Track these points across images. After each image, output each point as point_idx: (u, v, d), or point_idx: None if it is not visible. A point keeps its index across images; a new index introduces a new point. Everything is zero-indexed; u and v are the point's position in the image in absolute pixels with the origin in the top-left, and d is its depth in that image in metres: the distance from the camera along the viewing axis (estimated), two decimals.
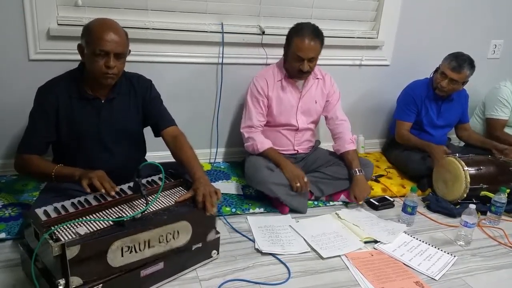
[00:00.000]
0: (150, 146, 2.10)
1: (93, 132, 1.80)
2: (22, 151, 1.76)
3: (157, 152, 2.20)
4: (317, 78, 2.39)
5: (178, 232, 1.58)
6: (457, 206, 2.36)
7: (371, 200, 2.36)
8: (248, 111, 2.33)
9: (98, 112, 1.80)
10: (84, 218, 1.50)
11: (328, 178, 2.32)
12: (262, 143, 2.28)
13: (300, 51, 2.17)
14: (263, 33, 2.53)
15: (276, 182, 2.14)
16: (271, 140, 2.33)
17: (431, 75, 2.71)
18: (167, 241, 1.56)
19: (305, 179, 2.16)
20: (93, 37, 1.65)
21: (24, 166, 1.76)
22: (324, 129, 2.64)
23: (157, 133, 1.96)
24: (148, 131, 2.00)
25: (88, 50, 1.67)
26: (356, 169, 2.29)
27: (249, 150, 2.32)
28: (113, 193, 1.59)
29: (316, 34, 2.18)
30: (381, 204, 2.35)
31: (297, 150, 2.45)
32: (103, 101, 1.80)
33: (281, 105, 2.34)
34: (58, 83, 1.77)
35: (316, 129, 2.54)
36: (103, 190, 1.58)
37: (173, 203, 1.66)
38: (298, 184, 2.14)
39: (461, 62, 2.51)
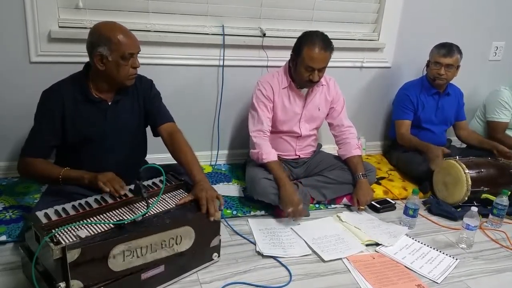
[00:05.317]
0: (151, 148, 2.10)
1: (99, 134, 1.81)
2: (27, 154, 1.76)
3: (158, 154, 2.19)
4: (322, 85, 2.35)
5: (181, 237, 1.58)
6: (458, 209, 2.35)
7: (372, 202, 2.35)
8: (258, 115, 2.27)
9: (104, 114, 1.81)
10: (85, 221, 1.49)
11: (331, 182, 2.31)
12: (268, 154, 2.21)
13: (311, 61, 2.11)
14: (264, 35, 2.52)
15: (276, 192, 2.12)
16: (273, 145, 2.29)
17: (424, 72, 2.77)
18: (169, 247, 1.56)
19: (299, 207, 2.06)
20: (118, 43, 1.67)
21: (29, 170, 1.75)
22: (325, 132, 2.63)
23: (155, 131, 1.96)
24: (149, 132, 2.01)
25: (114, 57, 1.68)
26: (360, 174, 2.28)
27: (253, 158, 2.26)
28: (122, 193, 1.61)
29: (327, 43, 2.13)
30: (383, 206, 2.35)
31: (299, 155, 2.43)
32: (109, 103, 1.82)
33: (285, 114, 2.31)
34: (63, 86, 1.77)
35: (318, 132, 2.52)
36: (120, 191, 1.60)
37: (173, 205, 1.66)
38: (290, 210, 2.05)
39: (449, 47, 2.62)
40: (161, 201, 1.67)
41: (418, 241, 2.07)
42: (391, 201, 2.42)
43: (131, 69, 1.74)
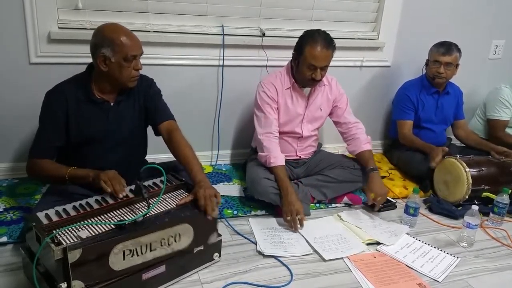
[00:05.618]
0: (151, 149, 2.10)
1: (101, 134, 1.82)
2: (34, 156, 1.78)
3: (159, 155, 2.19)
4: (324, 85, 2.35)
5: (179, 235, 1.58)
6: (459, 208, 2.35)
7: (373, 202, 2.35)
8: (265, 117, 2.24)
9: (106, 114, 1.82)
10: (85, 221, 1.49)
11: (331, 181, 2.30)
12: (276, 158, 2.17)
13: (313, 60, 2.11)
14: (264, 35, 2.52)
15: (276, 192, 2.12)
16: None
17: (424, 71, 2.77)
18: (168, 244, 1.56)
19: (299, 216, 2.03)
20: (121, 44, 1.69)
21: (37, 170, 1.77)
22: (325, 132, 2.63)
23: (156, 130, 1.97)
24: (149, 132, 2.01)
25: (116, 58, 1.70)
26: (373, 167, 2.26)
27: (261, 160, 2.24)
28: (121, 196, 1.60)
29: (329, 42, 2.12)
30: (384, 205, 2.34)
31: (300, 156, 2.43)
32: (112, 104, 1.82)
33: (288, 115, 2.30)
34: (66, 86, 1.78)
35: (319, 132, 2.52)
36: (120, 195, 1.60)
37: (174, 206, 1.66)
38: (289, 218, 2.04)
39: (448, 46, 2.62)
40: (161, 202, 1.68)
41: (419, 240, 2.07)
42: (392, 200, 2.42)
43: (133, 71, 1.75)
